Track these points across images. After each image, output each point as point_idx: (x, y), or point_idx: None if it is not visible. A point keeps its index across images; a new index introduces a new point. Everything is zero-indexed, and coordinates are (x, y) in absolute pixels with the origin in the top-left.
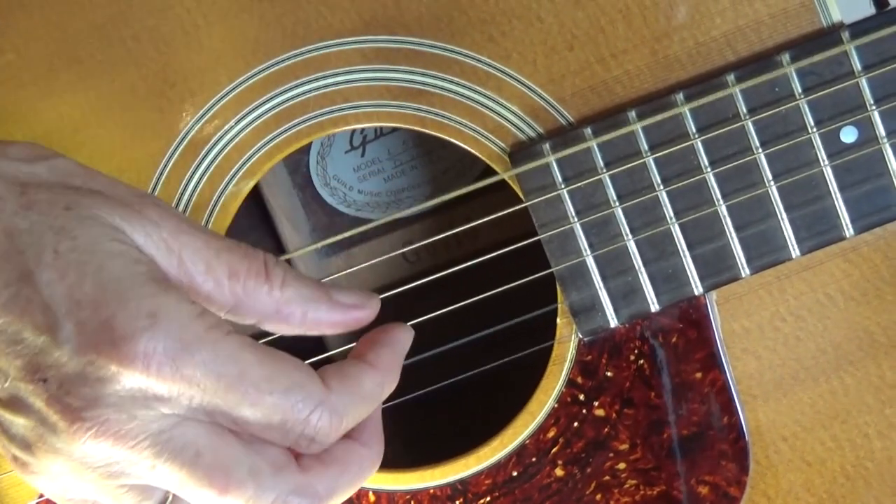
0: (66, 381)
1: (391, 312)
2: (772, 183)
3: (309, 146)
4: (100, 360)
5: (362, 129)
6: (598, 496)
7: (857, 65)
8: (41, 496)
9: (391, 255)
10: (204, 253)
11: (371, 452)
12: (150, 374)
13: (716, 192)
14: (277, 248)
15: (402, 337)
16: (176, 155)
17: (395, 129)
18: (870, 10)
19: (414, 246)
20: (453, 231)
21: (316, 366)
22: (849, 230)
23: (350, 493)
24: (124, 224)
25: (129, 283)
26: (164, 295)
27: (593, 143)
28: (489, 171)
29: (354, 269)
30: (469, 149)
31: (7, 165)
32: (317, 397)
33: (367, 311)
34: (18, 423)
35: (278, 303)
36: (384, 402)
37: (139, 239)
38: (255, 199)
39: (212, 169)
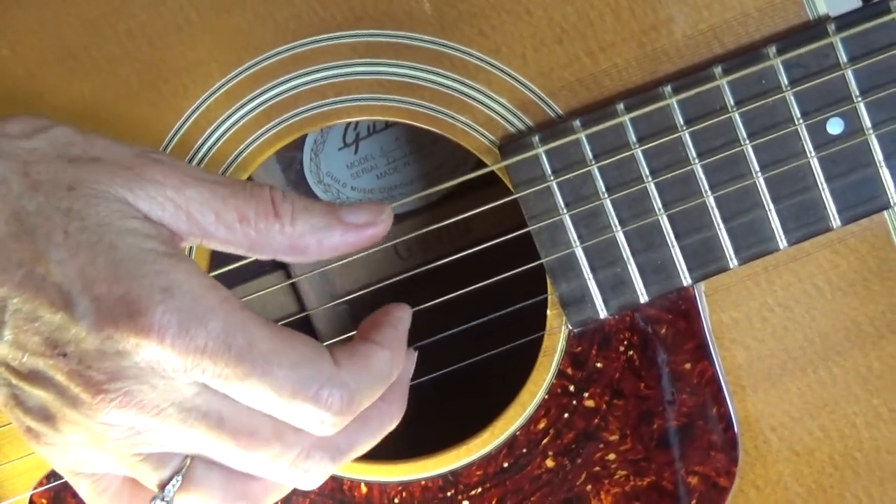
0: (86, 355)
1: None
2: (759, 174)
3: (302, 143)
4: (118, 335)
5: (355, 126)
6: (589, 487)
7: (842, 57)
8: (38, 487)
9: (383, 246)
10: (211, 203)
11: (391, 408)
12: (164, 345)
13: (703, 184)
14: None
15: (402, 315)
16: (170, 148)
17: (387, 126)
18: (856, 2)
19: (406, 237)
20: (444, 223)
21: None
22: (835, 221)
23: (370, 445)
24: (126, 192)
25: (140, 260)
26: (176, 270)
27: (582, 136)
28: (481, 168)
29: (346, 262)
30: (459, 141)
31: (7, 144)
32: (326, 373)
33: (380, 225)
34: (38, 395)
35: (292, 238)
36: None
37: (143, 205)
38: None
39: (205, 163)
